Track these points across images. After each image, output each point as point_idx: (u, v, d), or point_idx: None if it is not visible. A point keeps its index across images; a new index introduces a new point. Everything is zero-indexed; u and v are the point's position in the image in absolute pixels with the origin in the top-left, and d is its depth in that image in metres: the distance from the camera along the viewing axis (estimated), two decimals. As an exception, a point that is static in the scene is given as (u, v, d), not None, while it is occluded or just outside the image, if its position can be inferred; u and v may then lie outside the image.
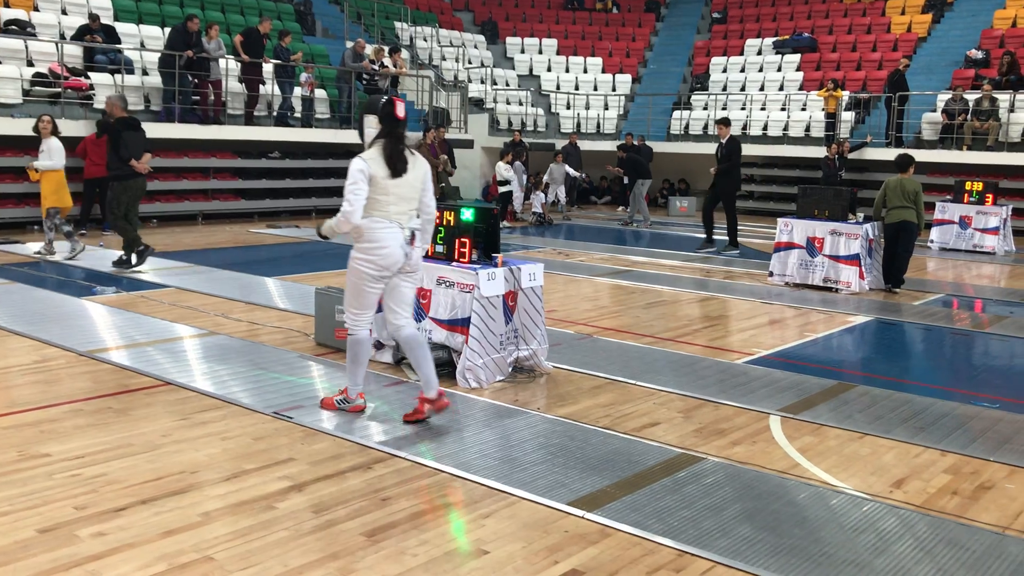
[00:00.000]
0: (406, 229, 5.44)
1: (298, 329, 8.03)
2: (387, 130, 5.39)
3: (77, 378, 6.32)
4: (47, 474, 4.58)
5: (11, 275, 10.15)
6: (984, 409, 6.28)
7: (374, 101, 5.51)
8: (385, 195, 5.33)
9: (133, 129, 10.73)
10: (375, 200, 5.32)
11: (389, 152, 5.32)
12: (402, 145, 5.40)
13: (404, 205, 5.42)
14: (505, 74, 25.62)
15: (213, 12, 19.77)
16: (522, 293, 6.75)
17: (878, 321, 9.43)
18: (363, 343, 5.63)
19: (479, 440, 5.34)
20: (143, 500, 4.31)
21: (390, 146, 5.34)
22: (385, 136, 5.38)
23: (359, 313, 5.55)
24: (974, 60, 21.44)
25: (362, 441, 5.22)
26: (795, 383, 6.79)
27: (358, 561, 3.79)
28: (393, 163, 5.32)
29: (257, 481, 4.59)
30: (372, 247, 5.36)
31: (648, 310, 9.60)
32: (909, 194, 10.96)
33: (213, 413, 5.66)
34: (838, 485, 4.82)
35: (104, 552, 3.77)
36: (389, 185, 5.32)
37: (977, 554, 4.03)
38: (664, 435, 5.54)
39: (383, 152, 5.33)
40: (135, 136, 10.70)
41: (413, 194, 5.46)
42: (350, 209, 5.22)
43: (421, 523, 4.18)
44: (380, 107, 5.42)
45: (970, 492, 4.79)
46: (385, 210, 5.35)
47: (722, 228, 14.63)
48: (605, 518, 4.28)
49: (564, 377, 6.81)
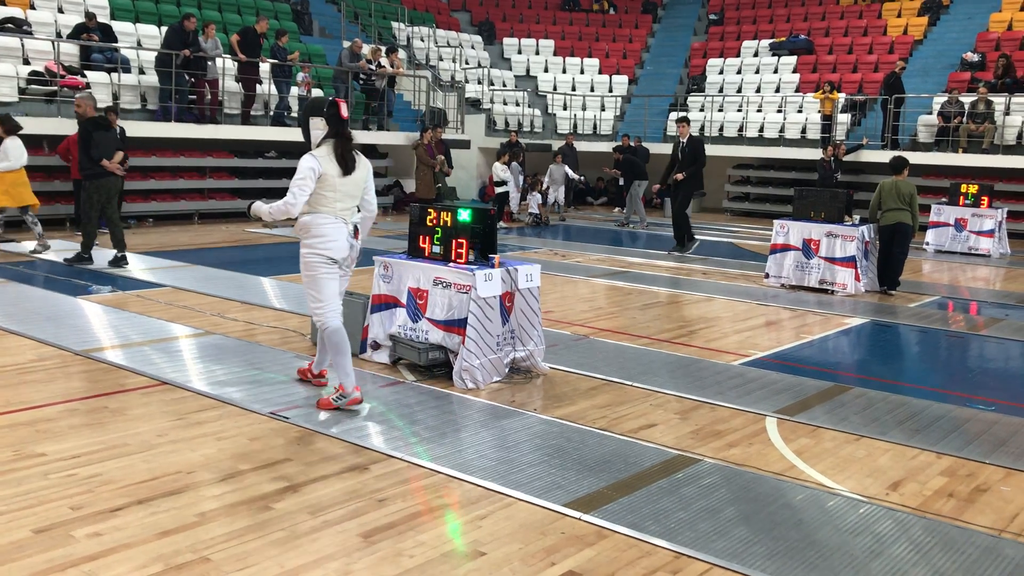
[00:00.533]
0: (349, 224, 5.79)
1: (294, 329, 8.02)
2: (335, 130, 5.69)
3: (72, 377, 6.31)
4: (42, 474, 4.57)
5: (6, 273, 10.13)
6: (980, 412, 6.29)
7: (318, 103, 5.76)
8: (333, 192, 5.63)
9: (104, 129, 10.94)
10: (323, 196, 5.62)
11: (341, 152, 5.64)
12: (351, 144, 5.73)
13: (349, 201, 5.76)
14: (502, 74, 25.61)
15: (210, 11, 19.73)
16: (519, 294, 6.75)
17: (874, 323, 9.44)
18: (339, 331, 5.77)
19: (476, 441, 5.34)
20: (139, 500, 4.30)
21: (341, 146, 5.66)
22: (334, 136, 5.68)
23: (324, 303, 5.75)
24: (970, 63, 21.48)
25: (358, 442, 5.22)
26: (791, 385, 6.79)
27: (355, 562, 3.78)
28: (345, 162, 5.65)
29: (253, 481, 4.59)
30: (320, 241, 5.67)
31: (644, 311, 9.61)
32: (904, 196, 10.98)
33: (209, 413, 5.65)
34: (834, 487, 4.82)
35: (100, 552, 3.76)
36: (338, 183, 5.63)
37: (973, 557, 4.04)
38: (661, 436, 5.54)
39: (334, 151, 5.63)
40: (106, 136, 10.93)
41: (357, 191, 5.81)
42: (294, 202, 5.52)
43: (418, 524, 4.18)
44: (325, 109, 5.69)
45: (966, 494, 4.80)
46: (332, 206, 5.67)
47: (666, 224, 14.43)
48: (602, 519, 4.27)
49: (561, 378, 6.81)
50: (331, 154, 5.62)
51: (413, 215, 7.00)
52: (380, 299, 7.00)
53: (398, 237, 15.10)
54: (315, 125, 5.71)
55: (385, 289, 6.97)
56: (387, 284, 6.96)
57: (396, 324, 6.90)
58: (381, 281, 6.99)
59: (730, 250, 15.45)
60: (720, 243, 16.43)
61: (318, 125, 5.70)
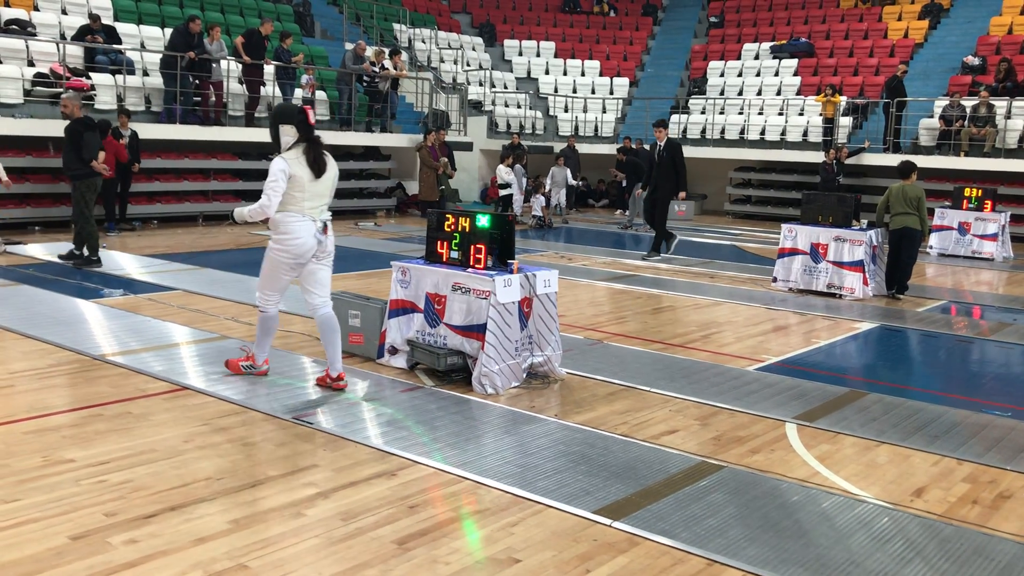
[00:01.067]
0: (318, 221, 6.14)
1: (307, 333, 8.03)
2: (305, 136, 6.08)
3: (93, 382, 6.32)
4: (73, 480, 4.58)
5: (14, 276, 10.12)
6: (996, 418, 6.33)
7: (288, 111, 6.20)
8: (302, 192, 6.02)
9: (91, 130, 11.06)
10: (292, 196, 6.02)
11: (313, 156, 6.04)
12: (322, 149, 6.13)
13: (318, 201, 6.14)
14: (503, 76, 25.64)
15: (213, 13, 19.73)
16: (537, 299, 6.77)
17: (884, 328, 9.49)
18: (273, 319, 6.43)
19: (500, 447, 5.36)
20: (172, 507, 4.31)
21: (313, 151, 6.06)
22: (305, 141, 6.07)
23: (271, 295, 6.32)
24: (971, 66, 21.56)
25: (384, 447, 5.24)
26: (807, 391, 6.83)
27: (391, 569, 3.81)
28: (316, 166, 6.06)
29: (283, 487, 4.60)
30: (288, 238, 6.07)
31: (655, 315, 9.64)
32: (911, 200, 11.03)
33: (232, 419, 5.66)
34: (859, 494, 4.85)
35: (138, 560, 3.78)
36: (307, 184, 6.03)
37: (1003, 564, 4.07)
38: (683, 443, 5.57)
39: (306, 156, 6.03)
40: (93, 136, 11.06)
41: (327, 191, 6.20)
42: (268, 203, 5.96)
43: (450, 531, 4.20)
44: (296, 116, 6.10)
45: (990, 501, 4.83)
46: (300, 205, 6.05)
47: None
48: (633, 527, 4.30)
49: (578, 383, 6.83)
50: (301, 158, 6.01)
51: (431, 221, 7.02)
52: (398, 304, 7.01)
53: (402, 240, 15.13)
54: (285, 132, 6.09)
55: (403, 294, 6.99)
56: (405, 289, 6.98)
57: (414, 329, 6.92)
58: (399, 286, 7.00)
59: (734, 253, 15.50)
60: (724, 246, 16.47)
61: (288, 132, 6.08)
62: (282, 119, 6.12)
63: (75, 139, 10.79)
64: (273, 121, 6.18)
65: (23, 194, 14.14)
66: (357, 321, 7.31)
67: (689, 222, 20.56)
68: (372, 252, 13.57)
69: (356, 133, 18.90)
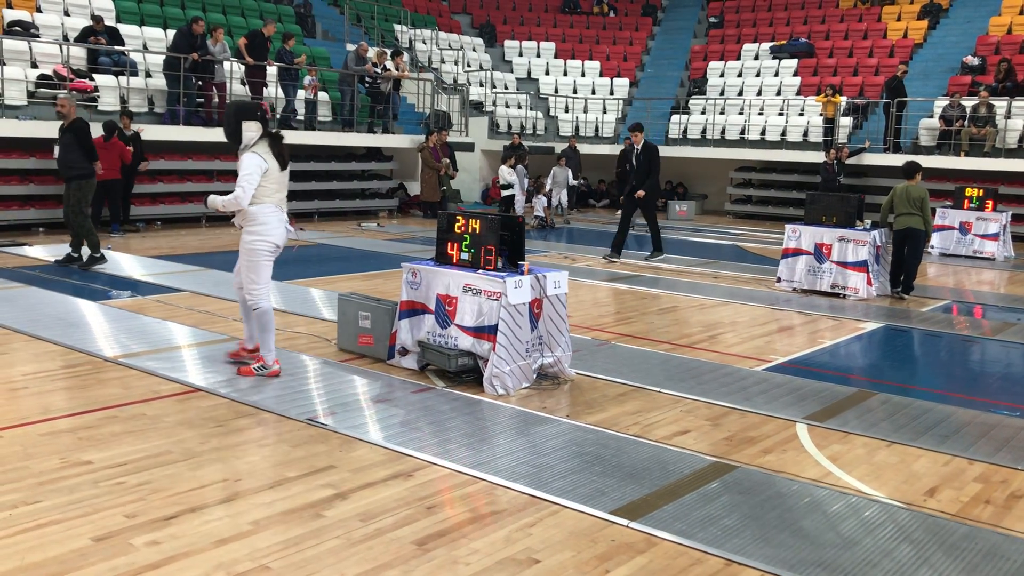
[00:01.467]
0: (284, 212, 6.49)
1: (317, 334, 8.06)
2: (268, 131, 6.41)
3: (106, 384, 6.34)
4: (92, 482, 4.60)
5: (20, 278, 10.14)
6: (1005, 418, 6.36)
7: (250, 107, 6.46)
8: (274, 184, 6.36)
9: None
10: (265, 188, 6.31)
11: (279, 149, 6.39)
12: (283, 141, 6.49)
13: (283, 192, 6.50)
14: (504, 77, 25.67)
15: (214, 14, 19.74)
16: (547, 300, 6.80)
17: (889, 328, 9.53)
18: (269, 312, 6.55)
19: (513, 448, 5.39)
20: (192, 508, 4.34)
21: (277, 144, 6.39)
22: (270, 136, 6.40)
23: (261, 286, 6.50)
24: (970, 66, 21.62)
25: (399, 448, 5.26)
26: (816, 391, 6.86)
27: (412, 570, 3.83)
28: (282, 158, 6.41)
29: (301, 489, 4.63)
30: (266, 228, 6.38)
31: (661, 316, 9.67)
32: (915, 201, 11.07)
33: (247, 420, 5.69)
34: (872, 494, 4.89)
35: (161, 561, 3.80)
36: (276, 175, 6.36)
37: (1019, 563, 4.10)
38: (695, 443, 5.60)
39: (272, 149, 6.35)
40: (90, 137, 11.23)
41: (287, 182, 6.54)
42: (243, 195, 6.22)
43: (469, 531, 4.23)
44: (258, 113, 6.38)
45: (1002, 501, 4.87)
46: (272, 197, 6.39)
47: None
48: (650, 527, 4.33)
49: (588, 384, 6.87)
50: (271, 151, 6.33)
51: (441, 222, 7.05)
52: (408, 305, 7.04)
53: (405, 241, 15.16)
54: (248, 127, 6.33)
55: (413, 295, 7.01)
56: (415, 291, 7.00)
57: (424, 330, 6.94)
58: (409, 287, 7.03)
59: (736, 253, 15.54)
60: (725, 246, 16.51)
61: (251, 127, 6.33)
62: (245, 115, 6.35)
63: (83, 138, 10.81)
64: (235, 117, 6.38)
65: (27, 196, 14.14)
66: (367, 322, 7.33)
67: (690, 222, 20.63)
68: (375, 253, 13.60)
69: (358, 134, 18.92)
